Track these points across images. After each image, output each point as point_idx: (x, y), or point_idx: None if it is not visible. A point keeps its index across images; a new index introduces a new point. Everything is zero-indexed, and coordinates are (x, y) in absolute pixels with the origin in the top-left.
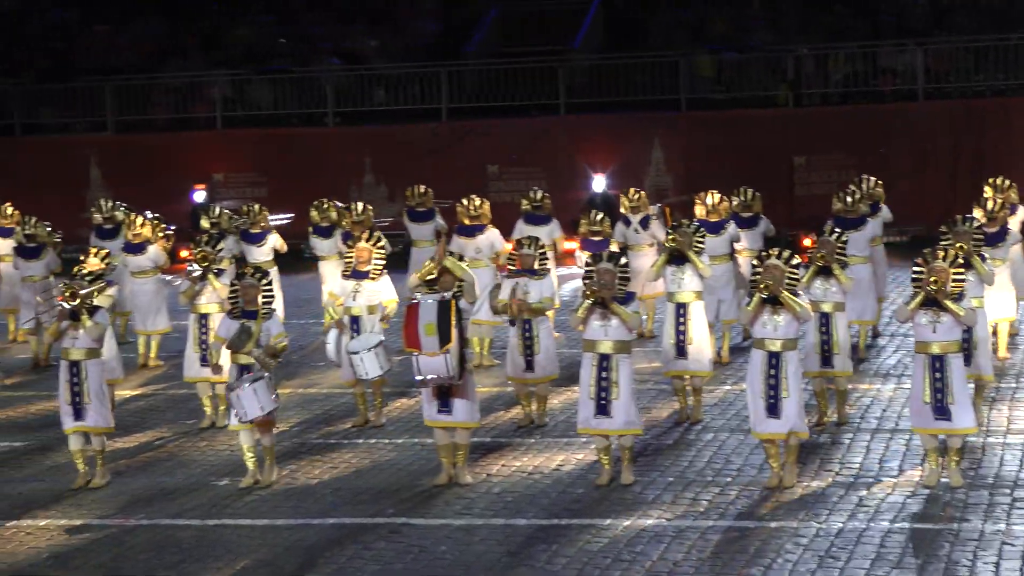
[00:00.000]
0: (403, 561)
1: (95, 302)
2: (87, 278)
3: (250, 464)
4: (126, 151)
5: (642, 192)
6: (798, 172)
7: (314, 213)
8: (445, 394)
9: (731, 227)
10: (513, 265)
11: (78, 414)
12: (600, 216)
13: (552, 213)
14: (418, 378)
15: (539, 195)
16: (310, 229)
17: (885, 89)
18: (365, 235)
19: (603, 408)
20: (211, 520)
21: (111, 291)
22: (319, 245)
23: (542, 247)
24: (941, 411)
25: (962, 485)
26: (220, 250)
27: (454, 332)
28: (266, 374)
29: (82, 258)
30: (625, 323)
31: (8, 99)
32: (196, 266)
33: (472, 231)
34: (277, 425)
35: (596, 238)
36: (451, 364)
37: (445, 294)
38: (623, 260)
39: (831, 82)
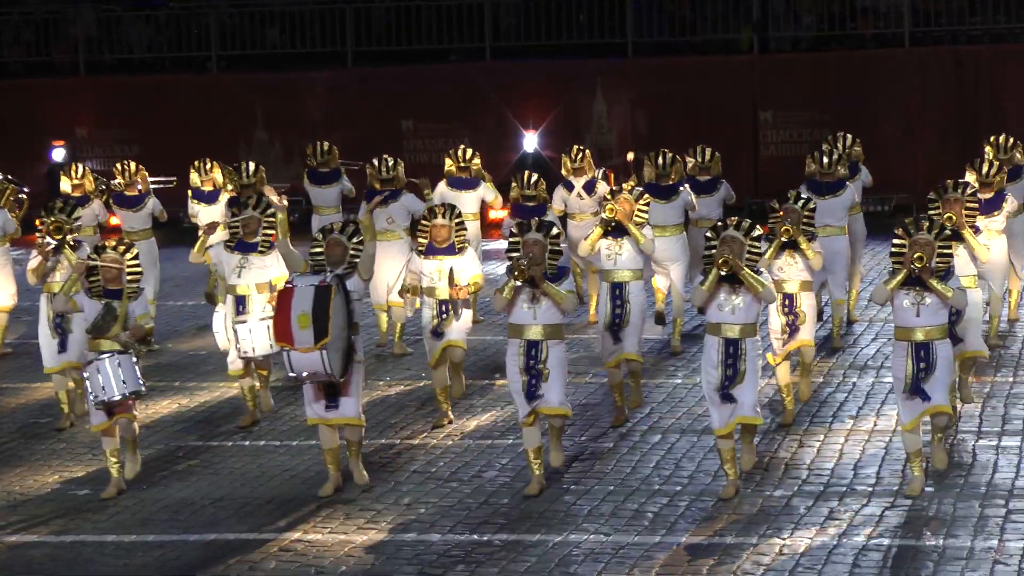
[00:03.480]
0: None
1: None
2: None
3: (114, 471)
4: None
5: (587, 151)
6: (763, 129)
7: (194, 175)
8: (333, 388)
9: (684, 192)
10: (424, 238)
11: None
12: (534, 178)
13: (482, 175)
14: (291, 375)
15: (467, 154)
16: (190, 193)
17: (865, 33)
18: (254, 201)
19: (533, 395)
20: (68, 536)
21: None
22: (201, 212)
23: (459, 216)
24: (920, 393)
25: (947, 466)
26: (78, 218)
27: (332, 324)
28: (132, 354)
29: None
30: (557, 305)
31: None
32: (49, 238)
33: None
34: (145, 423)
35: (530, 203)
36: (328, 361)
37: (326, 276)
38: (555, 230)
39: (802, 25)
